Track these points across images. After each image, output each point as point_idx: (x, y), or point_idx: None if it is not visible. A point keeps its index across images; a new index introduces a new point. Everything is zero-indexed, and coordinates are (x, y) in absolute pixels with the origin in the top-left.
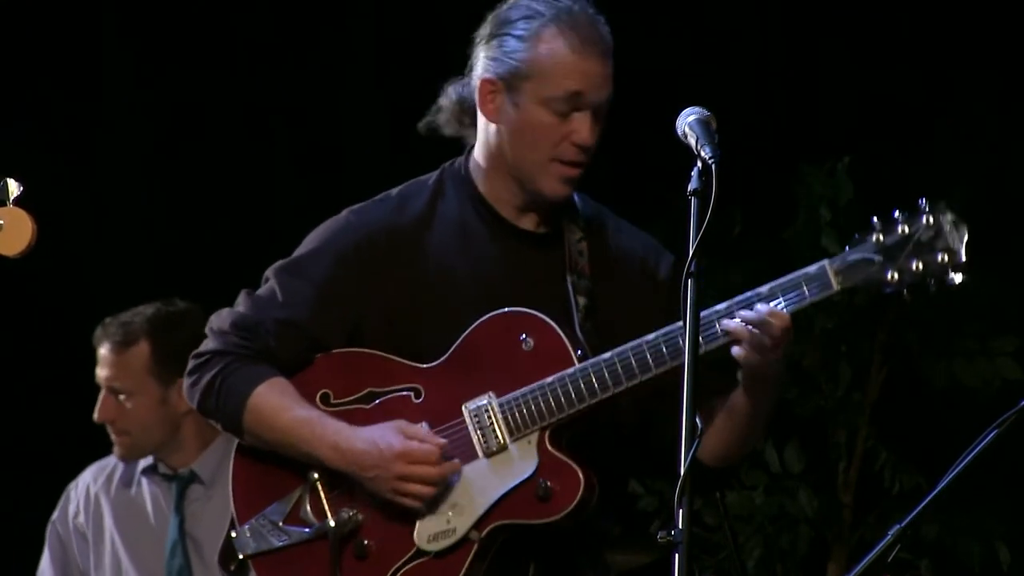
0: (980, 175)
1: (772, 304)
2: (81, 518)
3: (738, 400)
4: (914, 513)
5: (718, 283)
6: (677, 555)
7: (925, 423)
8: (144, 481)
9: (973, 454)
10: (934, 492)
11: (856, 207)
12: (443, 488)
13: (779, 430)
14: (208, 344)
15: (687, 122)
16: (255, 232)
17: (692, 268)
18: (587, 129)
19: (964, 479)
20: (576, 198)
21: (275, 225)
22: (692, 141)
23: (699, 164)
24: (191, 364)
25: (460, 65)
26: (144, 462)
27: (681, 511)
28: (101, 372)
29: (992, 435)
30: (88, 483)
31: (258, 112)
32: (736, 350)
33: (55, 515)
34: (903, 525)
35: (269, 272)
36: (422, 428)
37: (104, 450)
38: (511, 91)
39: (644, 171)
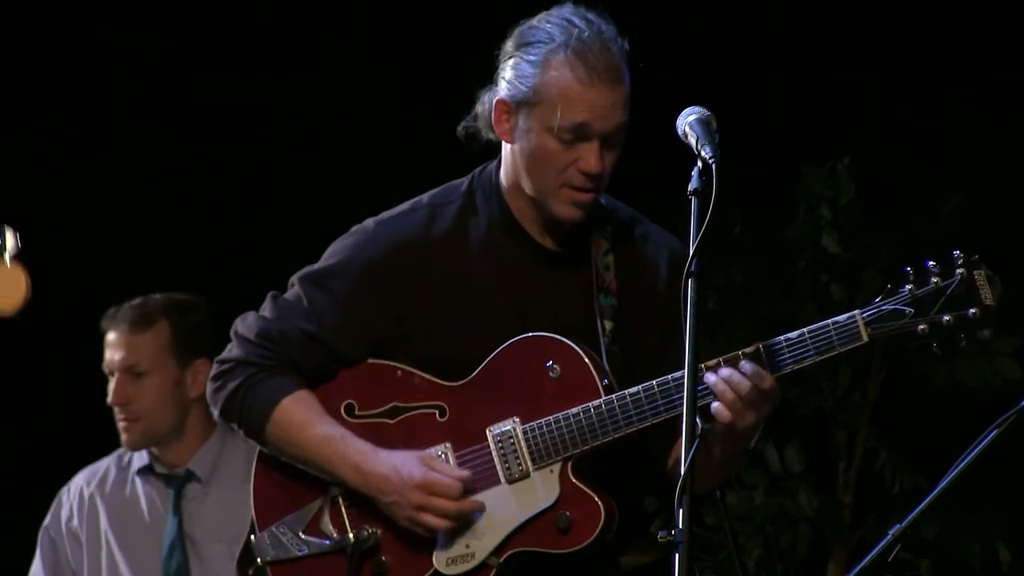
0: (980, 175)
1: (798, 353)
2: (75, 521)
3: (713, 441)
4: (914, 513)
5: (718, 283)
6: (677, 555)
7: (925, 423)
8: (139, 482)
9: (973, 454)
10: (934, 492)
11: (856, 207)
12: (462, 522)
13: (779, 430)
14: (233, 351)
15: (687, 122)
16: (254, 230)
17: (692, 268)
18: (594, 158)
19: (964, 479)
20: (603, 201)
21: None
22: (692, 141)
23: (699, 164)
24: (215, 369)
25: (460, 57)
26: (139, 462)
27: (681, 511)
28: (116, 355)
29: (992, 435)
30: (81, 486)
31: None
32: (714, 405)
33: (47, 520)
34: (903, 525)
35: (295, 279)
36: (444, 455)
37: (95, 455)
38: (522, 115)
39: (644, 171)
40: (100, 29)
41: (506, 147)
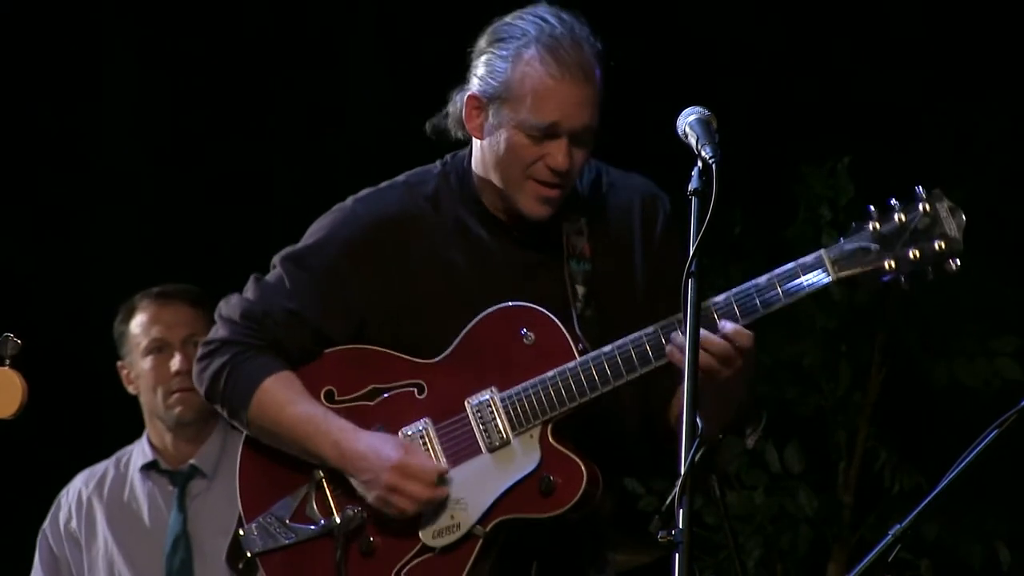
0: (980, 175)
1: (769, 295)
2: (73, 523)
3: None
4: (914, 513)
5: (718, 283)
6: (677, 555)
7: (925, 423)
8: (139, 481)
9: (973, 454)
10: (934, 492)
11: (856, 207)
12: (428, 510)
13: (779, 430)
14: (217, 332)
15: (687, 122)
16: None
17: (692, 268)
18: (562, 155)
19: (964, 479)
20: (583, 184)
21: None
22: (692, 141)
23: (699, 164)
24: (200, 351)
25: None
26: (142, 459)
27: (681, 511)
28: (175, 329)
29: (992, 435)
30: (80, 488)
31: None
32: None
33: (46, 523)
34: (903, 525)
35: (276, 260)
36: (425, 431)
37: (93, 457)
38: (492, 110)
39: (644, 171)
40: (101, 25)
41: (476, 143)
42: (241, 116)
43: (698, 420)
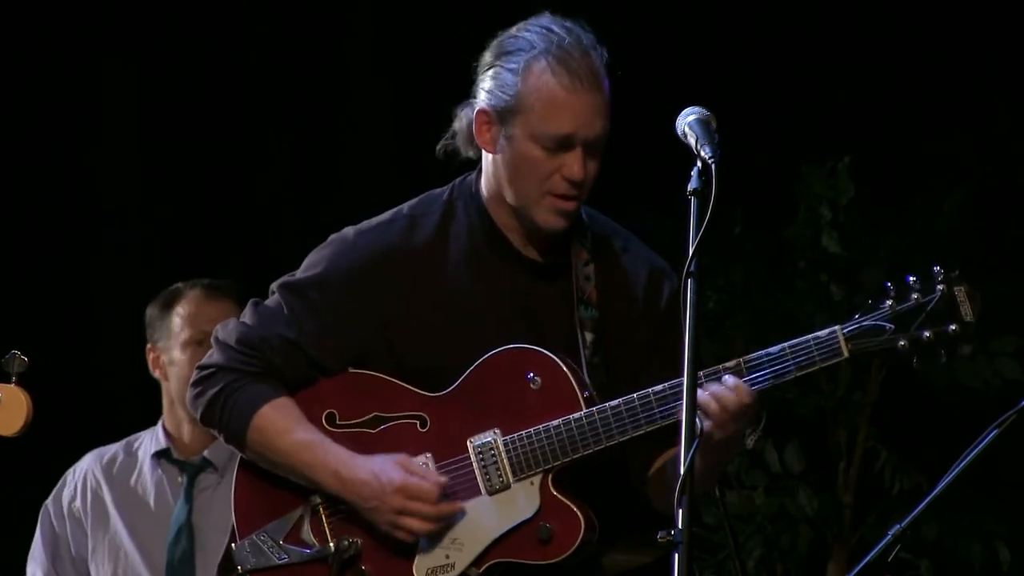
0: (980, 175)
1: (778, 368)
2: (77, 503)
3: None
4: (914, 513)
5: (718, 283)
6: (677, 555)
7: (925, 423)
8: (148, 467)
9: (973, 454)
10: (934, 492)
11: (856, 207)
12: (443, 525)
13: (779, 430)
14: (213, 357)
15: (687, 122)
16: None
17: (692, 268)
18: (577, 165)
19: (964, 479)
20: (584, 215)
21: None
22: (692, 141)
23: (699, 164)
24: (196, 375)
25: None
26: (154, 446)
27: (681, 511)
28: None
29: (992, 435)
30: (87, 468)
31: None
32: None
33: (49, 499)
34: (903, 525)
35: (275, 287)
36: (425, 466)
37: (102, 439)
38: (504, 124)
39: (644, 170)
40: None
41: (487, 158)
42: (241, 116)
43: (698, 420)
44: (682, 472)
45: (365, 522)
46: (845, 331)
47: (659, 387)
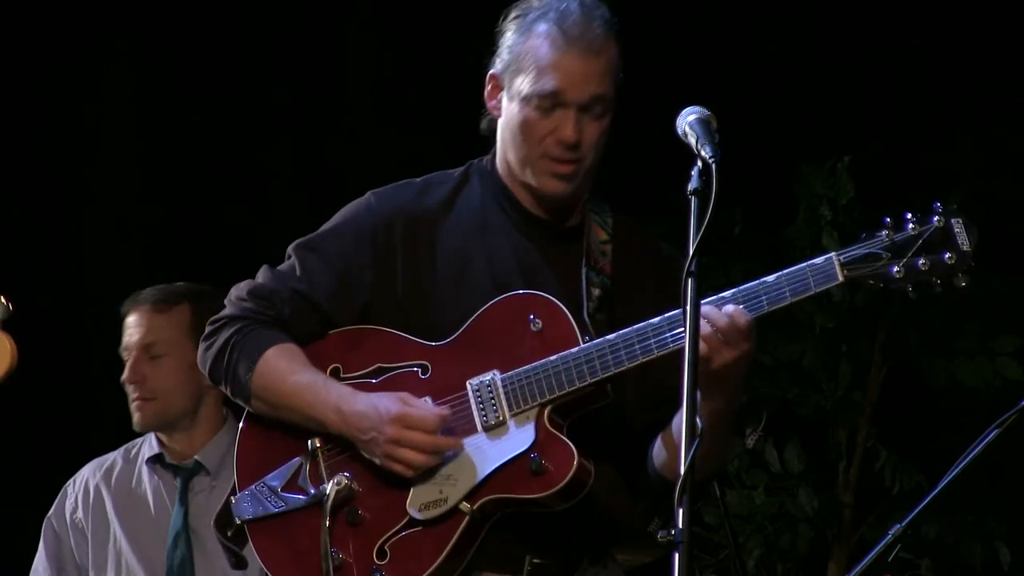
0: (980, 175)
1: (776, 293)
2: (80, 513)
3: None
4: (914, 513)
5: (718, 282)
6: (677, 555)
7: (925, 423)
8: (146, 473)
9: (973, 454)
10: (934, 492)
11: (856, 207)
12: (438, 459)
13: (779, 430)
14: (225, 311)
15: (687, 121)
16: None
17: (692, 268)
18: (570, 127)
19: (964, 479)
20: (611, 217)
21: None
22: (692, 140)
23: (699, 163)
24: (207, 330)
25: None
26: (149, 452)
27: (681, 511)
28: (135, 334)
29: (992, 435)
30: (87, 478)
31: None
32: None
33: (51, 512)
34: (903, 525)
35: (291, 248)
36: (426, 400)
37: (101, 448)
38: (507, 86)
39: (644, 170)
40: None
41: (496, 123)
42: (240, 116)
43: (697, 420)
44: (682, 472)
45: (362, 464)
46: (841, 257)
47: (655, 320)
